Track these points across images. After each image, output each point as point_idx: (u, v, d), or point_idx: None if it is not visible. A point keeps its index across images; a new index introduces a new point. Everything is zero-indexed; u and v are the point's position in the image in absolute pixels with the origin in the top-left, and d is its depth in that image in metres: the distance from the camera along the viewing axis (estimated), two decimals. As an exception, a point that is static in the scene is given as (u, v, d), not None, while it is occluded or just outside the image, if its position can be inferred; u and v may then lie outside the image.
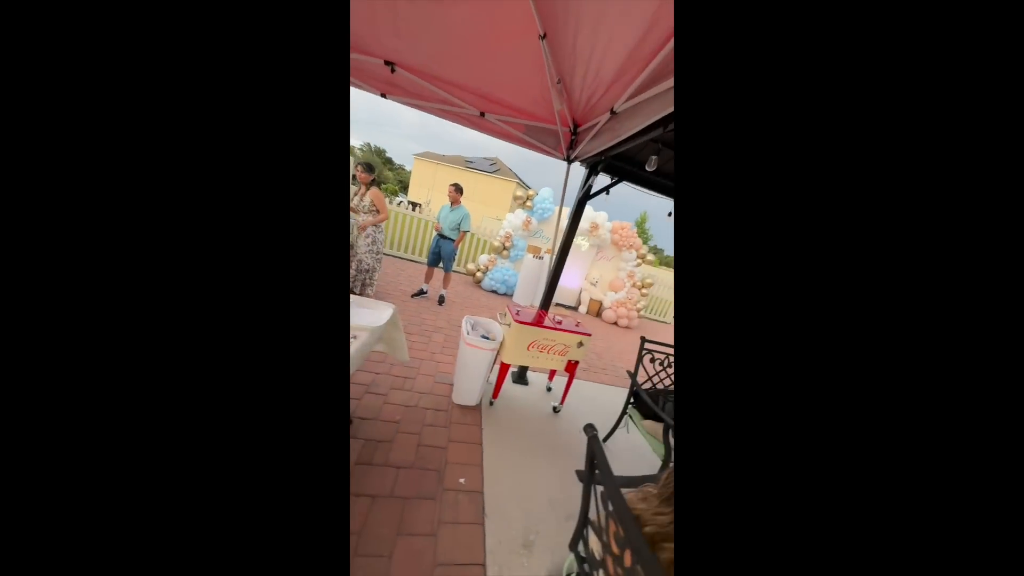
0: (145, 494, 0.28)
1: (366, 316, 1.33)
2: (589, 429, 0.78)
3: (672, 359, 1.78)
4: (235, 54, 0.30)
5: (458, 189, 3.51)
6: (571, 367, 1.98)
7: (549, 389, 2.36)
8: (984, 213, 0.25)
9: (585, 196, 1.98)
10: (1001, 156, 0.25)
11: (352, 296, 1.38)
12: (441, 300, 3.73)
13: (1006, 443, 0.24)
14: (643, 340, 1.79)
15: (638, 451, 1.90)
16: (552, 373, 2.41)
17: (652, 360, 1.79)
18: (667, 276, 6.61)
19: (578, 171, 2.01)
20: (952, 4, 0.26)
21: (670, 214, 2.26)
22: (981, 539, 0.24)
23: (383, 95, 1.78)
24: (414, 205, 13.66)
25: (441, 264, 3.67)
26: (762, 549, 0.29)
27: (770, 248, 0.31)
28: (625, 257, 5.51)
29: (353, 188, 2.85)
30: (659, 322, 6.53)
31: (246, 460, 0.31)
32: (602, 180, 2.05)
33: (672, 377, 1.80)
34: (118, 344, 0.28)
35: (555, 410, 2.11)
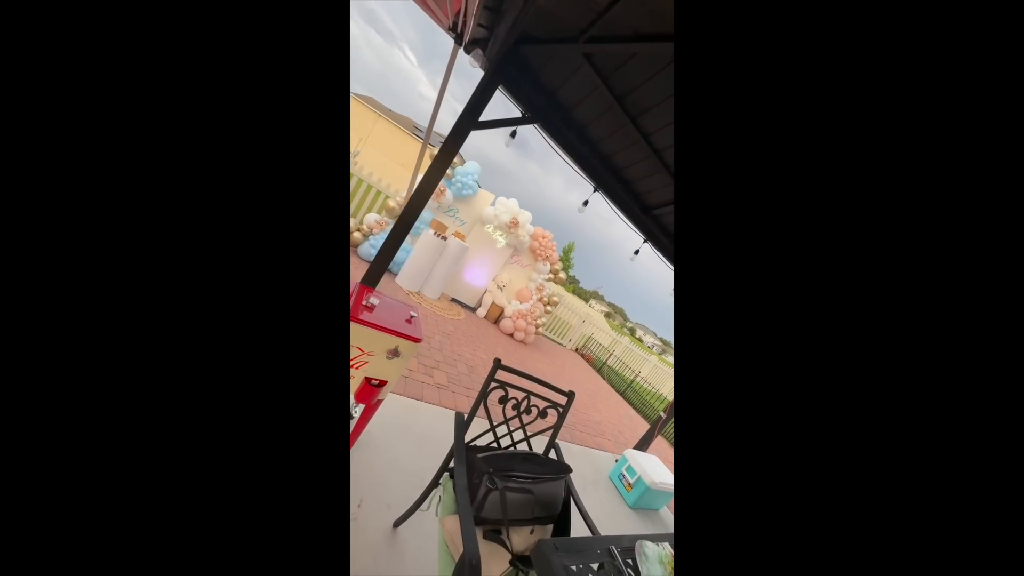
0: (144, 492, 0.28)
1: None
2: None
3: (530, 404, 1.11)
4: (237, 47, 0.29)
5: None
6: (367, 392, 1.10)
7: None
8: (984, 213, 0.25)
9: (474, 108, 1.18)
10: (1001, 156, 0.25)
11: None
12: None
13: (1006, 443, 0.24)
14: (497, 363, 1.07)
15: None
16: (360, 391, 1.43)
17: (503, 400, 1.08)
18: (573, 300, 6.57)
19: (470, 76, 1.23)
20: (948, 4, 0.26)
21: (588, 207, 1.70)
22: (981, 539, 0.24)
23: None
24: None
25: None
26: (761, 553, 0.28)
27: (773, 252, 0.30)
28: (539, 268, 5.09)
29: None
30: (556, 343, 6.37)
31: (246, 458, 0.30)
32: (505, 111, 1.32)
33: (527, 435, 1.13)
34: (119, 340, 0.28)
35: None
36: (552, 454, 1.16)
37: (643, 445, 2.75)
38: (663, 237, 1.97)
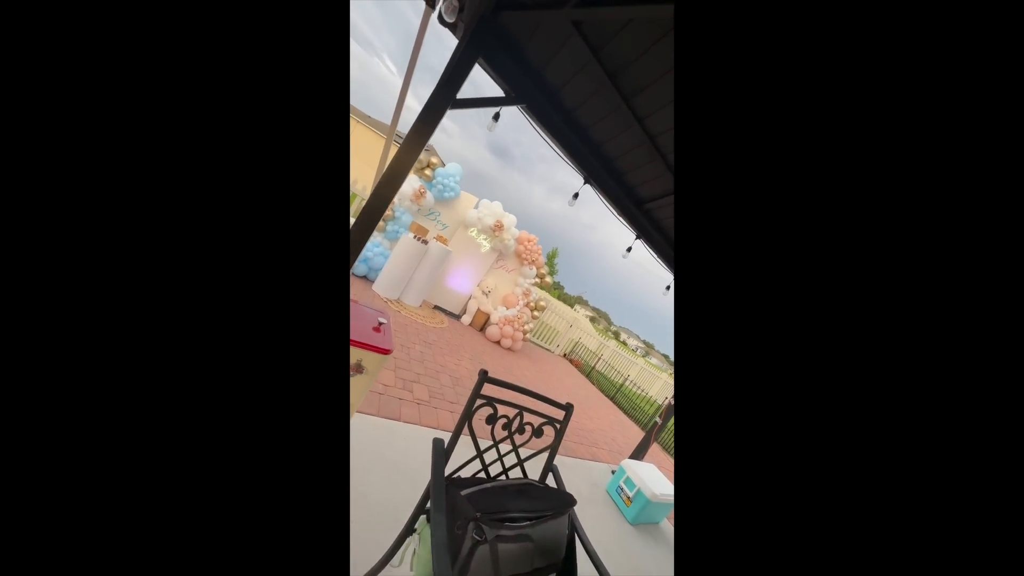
0: (144, 493, 0.28)
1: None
2: None
3: (523, 421, 0.94)
4: (236, 48, 0.29)
5: None
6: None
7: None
8: (984, 214, 0.25)
9: (450, 81, 1.03)
10: (1001, 156, 0.25)
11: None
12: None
13: (1006, 443, 0.24)
14: (483, 376, 0.89)
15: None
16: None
17: (492, 419, 0.90)
18: (559, 305, 6.49)
19: (444, 41, 1.08)
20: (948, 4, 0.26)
21: (575, 210, 1.58)
22: (981, 540, 0.24)
23: None
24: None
25: None
26: (761, 553, 0.28)
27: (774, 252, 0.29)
28: (525, 273, 4.96)
29: None
30: (544, 349, 6.22)
31: (247, 459, 0.30)
32: (488, 89, 1.19)
33: (520, 459, 0.95)
34: (120, 338, 0.28)
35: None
36: (550, 479, 0.99)
37: (639, 454, 2.62)
38: (655, 232, 1.89)
